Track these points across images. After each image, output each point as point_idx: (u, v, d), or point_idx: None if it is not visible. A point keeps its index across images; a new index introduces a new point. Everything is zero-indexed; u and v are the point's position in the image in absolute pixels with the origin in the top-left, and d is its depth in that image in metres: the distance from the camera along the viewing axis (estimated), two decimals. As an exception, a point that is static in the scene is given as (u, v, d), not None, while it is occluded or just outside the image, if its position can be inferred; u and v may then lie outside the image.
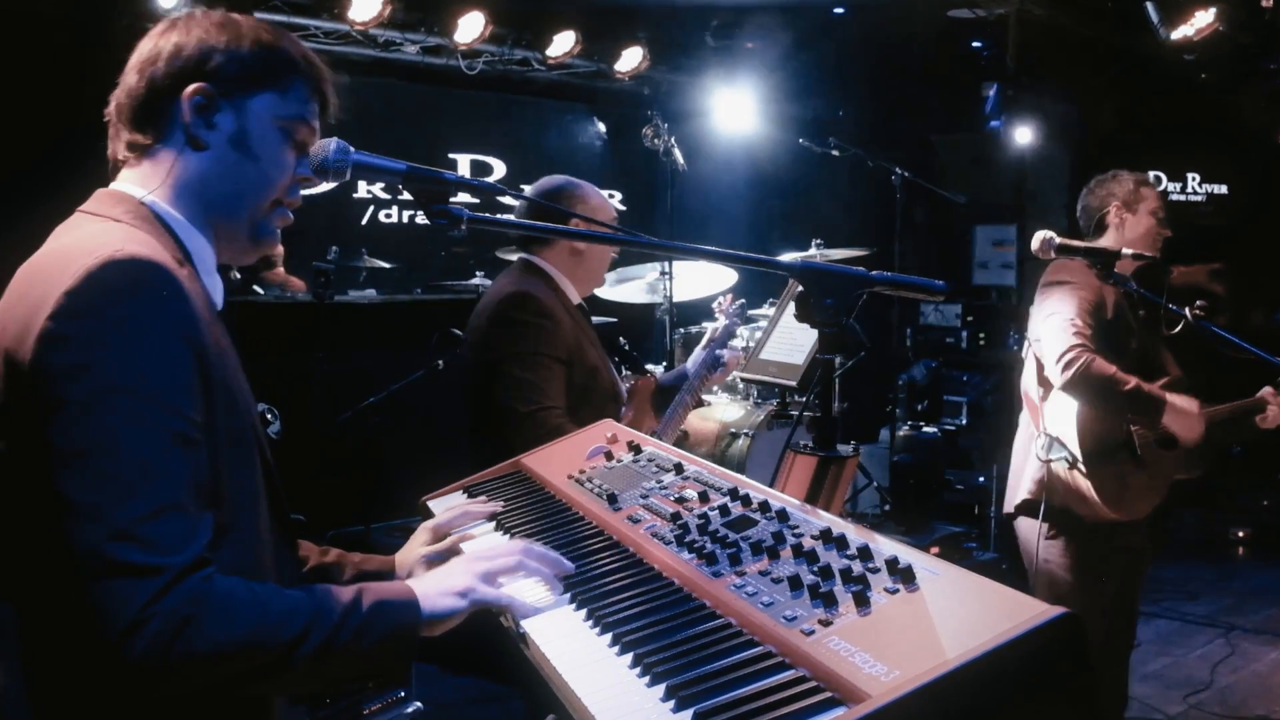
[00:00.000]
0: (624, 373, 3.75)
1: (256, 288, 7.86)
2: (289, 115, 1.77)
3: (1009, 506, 4.03)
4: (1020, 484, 3.96)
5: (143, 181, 1.73)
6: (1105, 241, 4.09)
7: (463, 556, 1.85)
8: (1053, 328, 3.79)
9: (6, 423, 1.51)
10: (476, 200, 8.98)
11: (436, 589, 1.70)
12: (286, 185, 1.80)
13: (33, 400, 1.47)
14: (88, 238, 1.58)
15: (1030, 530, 3.90)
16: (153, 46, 1.74)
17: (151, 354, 1.49)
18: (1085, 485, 3.74)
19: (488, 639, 1.79)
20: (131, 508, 1.43)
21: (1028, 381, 4.00)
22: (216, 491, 1.57)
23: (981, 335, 9.26)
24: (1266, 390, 4.02)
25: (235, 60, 1.72)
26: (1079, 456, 3.74)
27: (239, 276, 7.79)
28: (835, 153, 7.75)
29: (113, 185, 1.75)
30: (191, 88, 1.70)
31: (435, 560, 2.04)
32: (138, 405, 1.46)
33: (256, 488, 1.71)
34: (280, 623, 1.51)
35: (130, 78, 1.75)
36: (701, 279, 5.87)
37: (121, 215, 1.66)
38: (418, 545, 2.12)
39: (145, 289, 1.51)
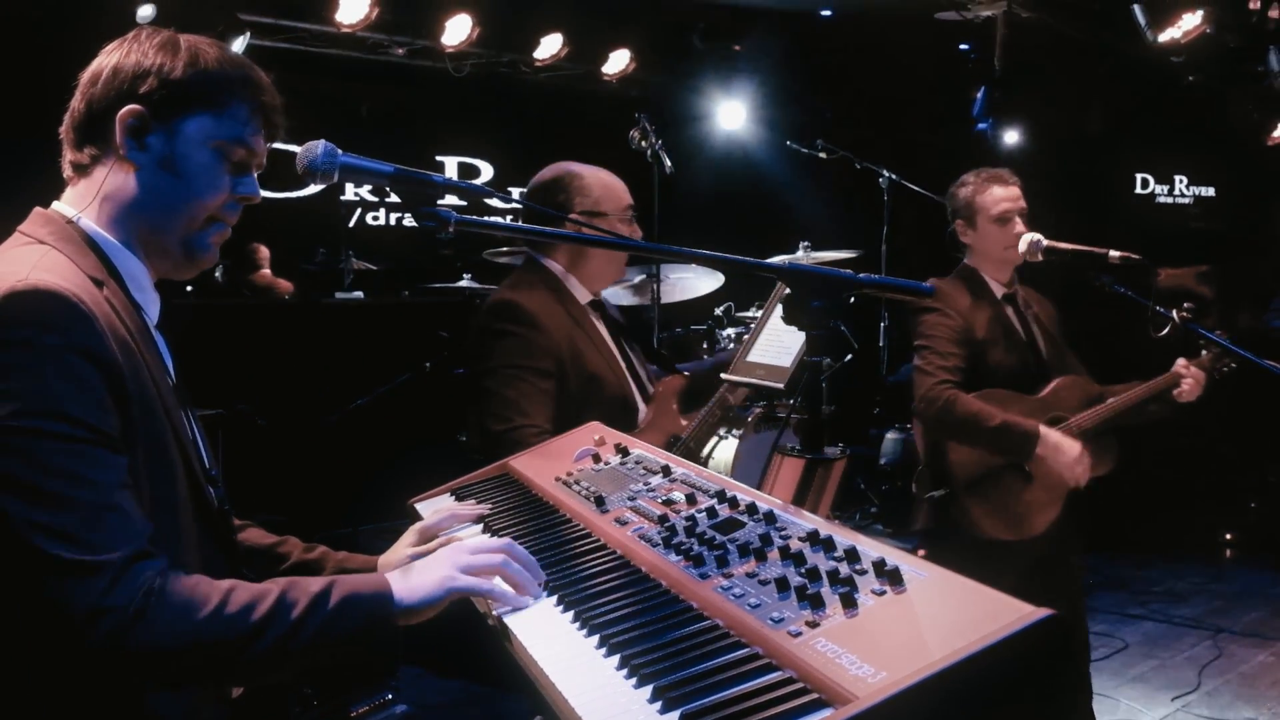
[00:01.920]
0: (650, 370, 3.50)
1: (244, 290, 7.85)
2: (224, 137, 1.80)
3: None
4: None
5: (77, 200, 1.79)
6: (969, 262, 3.99)
7: (449, 546, 1.85)
8: (918, 361, 3.72)
9: None
10: (464, 203, 8.98)
11: (414, 579, 1.72)
12: (220, 204, 1.83)
13: None
14: (3, 265, 1.64)
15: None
16: (96, 67, 1.79)
17: (57, 374, 1.54)
18: (971, 513, 3.66)
19: (475, 640, 1.78)
20: (67, 514, 1.50)
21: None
22: (138, 495, 1.62)
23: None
24: (1180, 363, 3.86)
25: (168, 83, 1.76)
26: (958, 490, 3.65)
27: (223, 279, 7.78)
28: (822, 155, 7.75)
29: (54, 204, 1.81)
30: (124, 110, 1.75)
31: None
32: (52, 424, 1.52)
33: (177, 493, 1.74)
34: (238, 616, 1.56)
35: (75, 98, 1.80)
36: (689, 282, 5.86)
37: (46, 236, 1.73)
38: (404, 546, 2.13)
39: (47, 315, 1.57)
